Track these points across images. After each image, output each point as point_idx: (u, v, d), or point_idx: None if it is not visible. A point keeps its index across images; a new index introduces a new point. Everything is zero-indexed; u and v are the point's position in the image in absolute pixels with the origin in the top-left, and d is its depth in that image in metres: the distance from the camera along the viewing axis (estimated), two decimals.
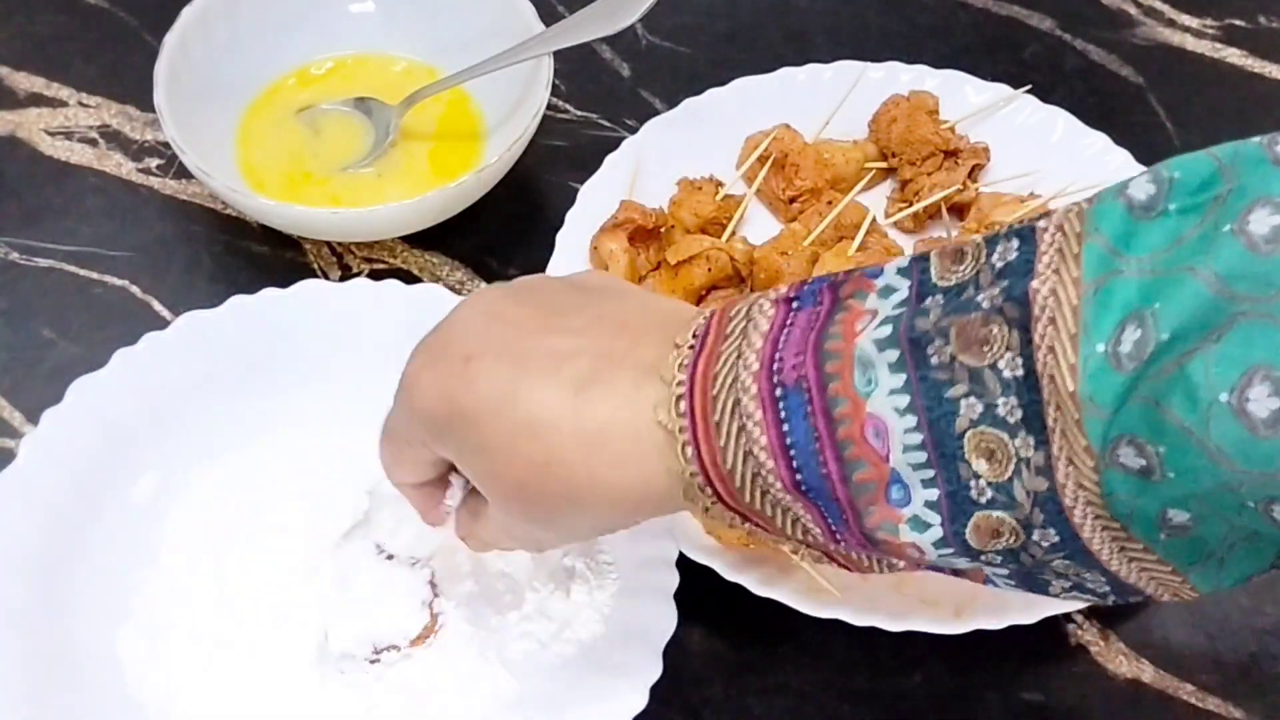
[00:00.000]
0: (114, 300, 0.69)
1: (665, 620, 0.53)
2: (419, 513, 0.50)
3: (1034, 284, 0.33)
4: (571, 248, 0.68)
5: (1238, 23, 0.84)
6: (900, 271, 0.37)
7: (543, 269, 0.67)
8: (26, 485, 0.55)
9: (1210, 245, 0.31)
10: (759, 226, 0.72)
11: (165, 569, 0.56)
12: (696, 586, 0.56)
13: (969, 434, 0.34)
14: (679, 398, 0.38)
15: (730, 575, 0.56)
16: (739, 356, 0.38)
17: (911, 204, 0.71)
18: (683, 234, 0.70)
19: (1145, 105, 0.80)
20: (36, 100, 0.77)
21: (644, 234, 0.68)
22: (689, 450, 0.38)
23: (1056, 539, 0.34)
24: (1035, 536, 0.35)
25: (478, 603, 0.54)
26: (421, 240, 0.71)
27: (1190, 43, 0.84)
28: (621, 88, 0.79)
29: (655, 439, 0.39)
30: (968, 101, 0.75)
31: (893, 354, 0.35)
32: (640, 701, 0.51)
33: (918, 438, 0.35)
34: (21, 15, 0.81)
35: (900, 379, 0.35)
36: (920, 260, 0.37)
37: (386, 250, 0.71)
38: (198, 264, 0.71)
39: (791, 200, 0.72)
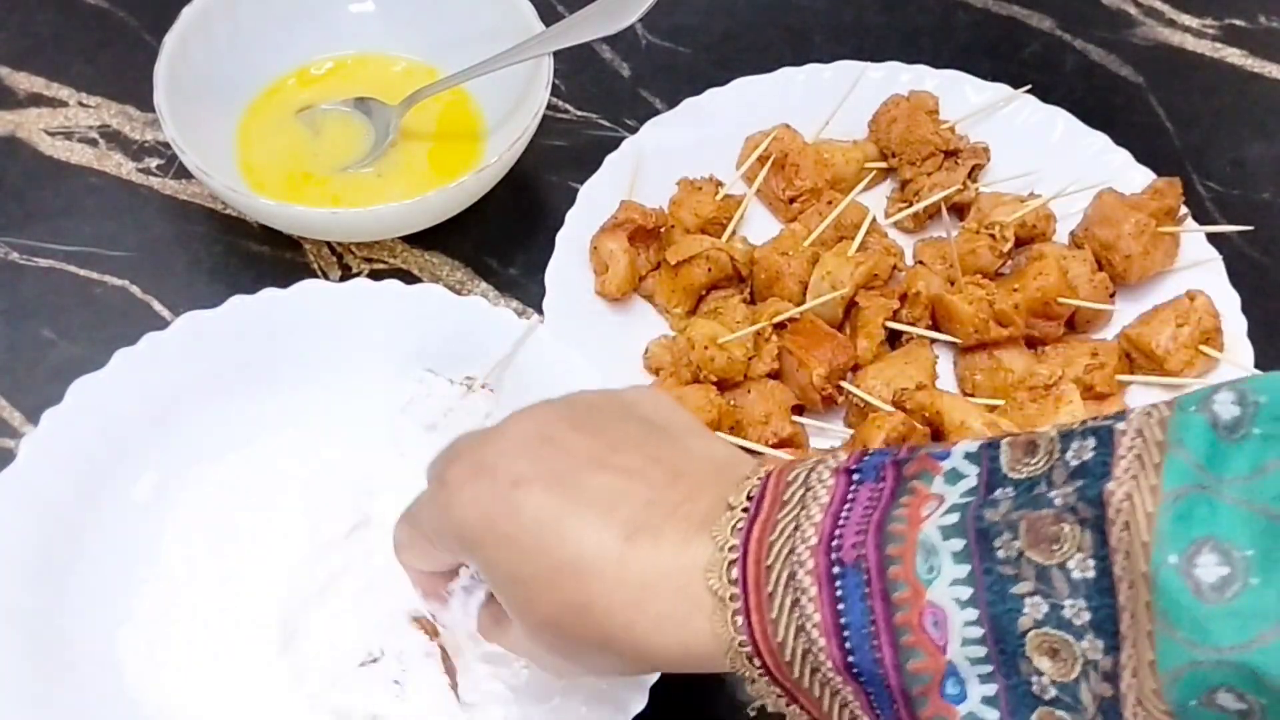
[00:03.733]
0: (114, 300, 0.69)
1: None
2: (420, 593, 0.50)
3: (1110, 486, 0.33)
4: (571, 248, 0.68)
5: (1238, 23, 0.84)
6: (969, 457, 0.36)
7: (543, 269, 0.67)
8: (26, 485, 0.55)
9: None
10: (759, 226, 0.72)
11: (165, 569, 0.56)
12: None
13: (1032, 633, 0.33)
14: (731, 563, 0.37)
15: None
16: (796, 528, 0.37)
17: (911, 204, 0.71)
18: (683, 234, 0.70)
19: (1145, 105, 0.80)
20: (36, 100, 0.77)
21: (644, 234, 0.68)
22: (739, 620, 0.37)
23: None
24: None
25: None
26: (421, 240, 0.71)
27: (1190, 43, 0.84)
28: (621, 88, 0.79)
29: (702, 602, 0.38)
30: (968, 101, 0.75)
31: (958, 543, 0.34)
32: (640, 701, 0.51)
33: (978, 631, 0.34)
34: (21, 15, 0.81)
35: (964, 570, 0.34)
36: (990, 448, 0.36)
37: (386, 250, 0.71)
38: (198, 264, 0.71)
39: (791, 200, 0.72)
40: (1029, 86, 0.75)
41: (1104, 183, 0.70)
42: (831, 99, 0.75)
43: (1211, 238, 0.70)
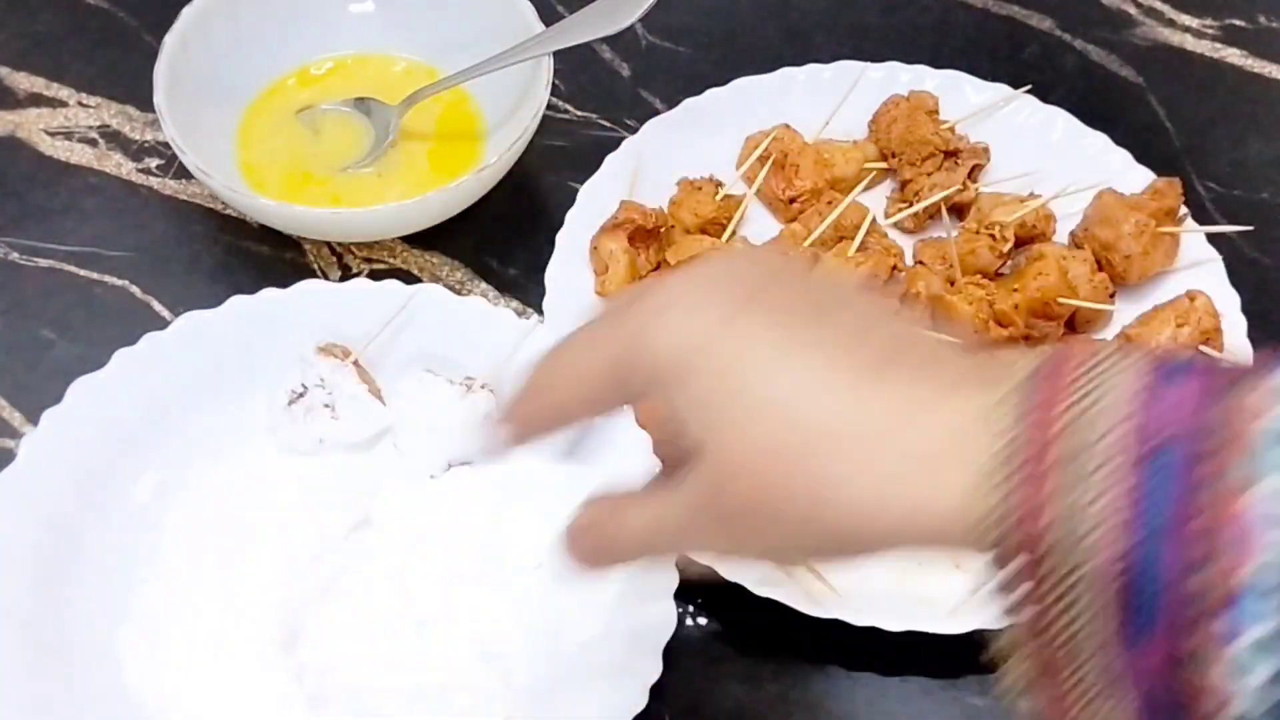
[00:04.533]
0: (114, 300, 0.69)
1: (665, 620, 0.53)
2: (507, 426, 0.41)
3: None
4: (571, 248, 0.68)
5: (1238, 23, 0.84)
6: None
7: (543, 269, 0.67)
8: (26, 485, 0.55)
9: None
10: (759, 226, 0.72)
11: (165, 569, 0.56)
12: (697, 586, 0.56)
13: None
14: (1021, 415, 0.31)
15: (730, 575, 0.56)
16: (1099, 395, 0.31)
17: (911, 204, 0.71)
18: (683, 234, 0.70)
19: (1145, 105, 0.80)
20: (36, 100, 0.77)
21: (644, 234, 0.68)
22: (1014, 481, 0.31)
23: None
24: None
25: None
26: (421, 240, 0.71)
27: (1190, 43, 0.84)
28: (621, 88, 0.79)
29: (965, 453, 0.32)
30: (968, 101, 0.75)
31: None
32: (640, 701, 0.51)
33: None
34: (21, 15, 0.81)
35: None
36: None
37: (386, 250, 0.71)
38: (198, 264, 0.71)
39: (791, 200, 0.72)
40: (1029, 86, 0.75)
41: (1104, 183, 0.70)
42: (831, 99, 0.75)
43: (1211, 238, 0.70)
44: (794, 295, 0.37)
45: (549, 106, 0.70)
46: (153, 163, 0.75)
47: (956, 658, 0.58)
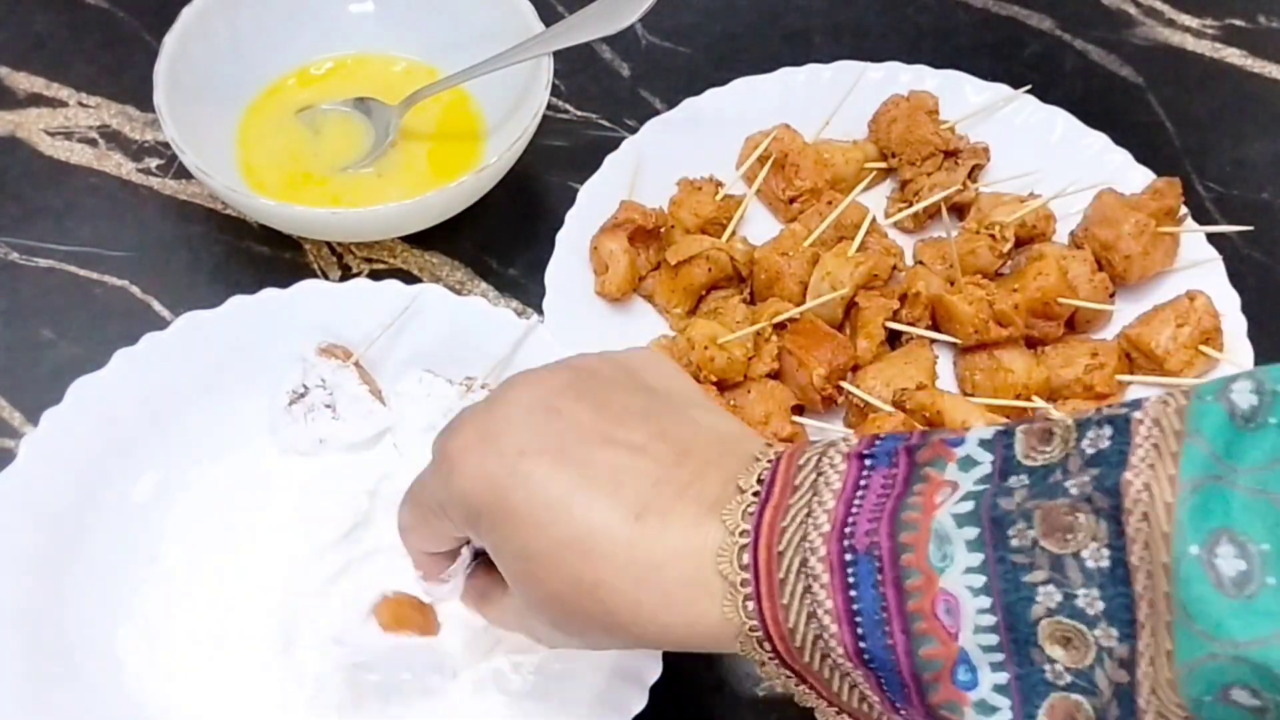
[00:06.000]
0: (114, 300, 0.69)
1: None
2: (421, 574, 0.50)
3: (1127, 475, 0.32)
4: (571, 248, 0.68)
5: (1238, 23, 0.84)
6: (983, 444, 0.36)
7: (543, 269, 0.67)
8: (26, 485, 0.55)
9: None
10: (759, 226, 0.72)
11: (165, 569, 0.56)
12: None
13: (1045, 621, 0.33)
14: (742, 548, 0.37)
15: None
16: (809, 514, 0.37)
17: (911, 204, 0.71)
18: (683, 234, 0.70)
19: (1145, 105, 0.80)
20: (36, 100, 0.77)
21: (644, 234, 0.68)
22: (750, 605, 0.37)
23: None
24: None
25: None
26: (421, 240, 0.71)
27: (1190, 43, 0.84)
28: (621, 88, 0.79)
29: (712, 585, 0.38)
30: (968, 101, 0.75)
31: (972, 531, 0.34)
32: (640, 701, 0.51)
33: (991, 619, 0.34)
34: (21, 15, 0.81)
35: (978, 558, 0.34)
36: (1004, 435, 0.36)
37: (386, 250, 0.71)
38: (198, 264, 0.71)
39: (791, 200, 0.72)
40: (1029, 86, 0.75)
41: (1104, 183, 0.70)
42: (831, 99, 0.75)
43: (1211, 238, 0.70)
44: (577, 413, 0.41)
45: (549, 106, 0.70)
46: (153, 163, 0.75)
47: None
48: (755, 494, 0.38)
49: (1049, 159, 0.73)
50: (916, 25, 0.84)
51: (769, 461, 0.39)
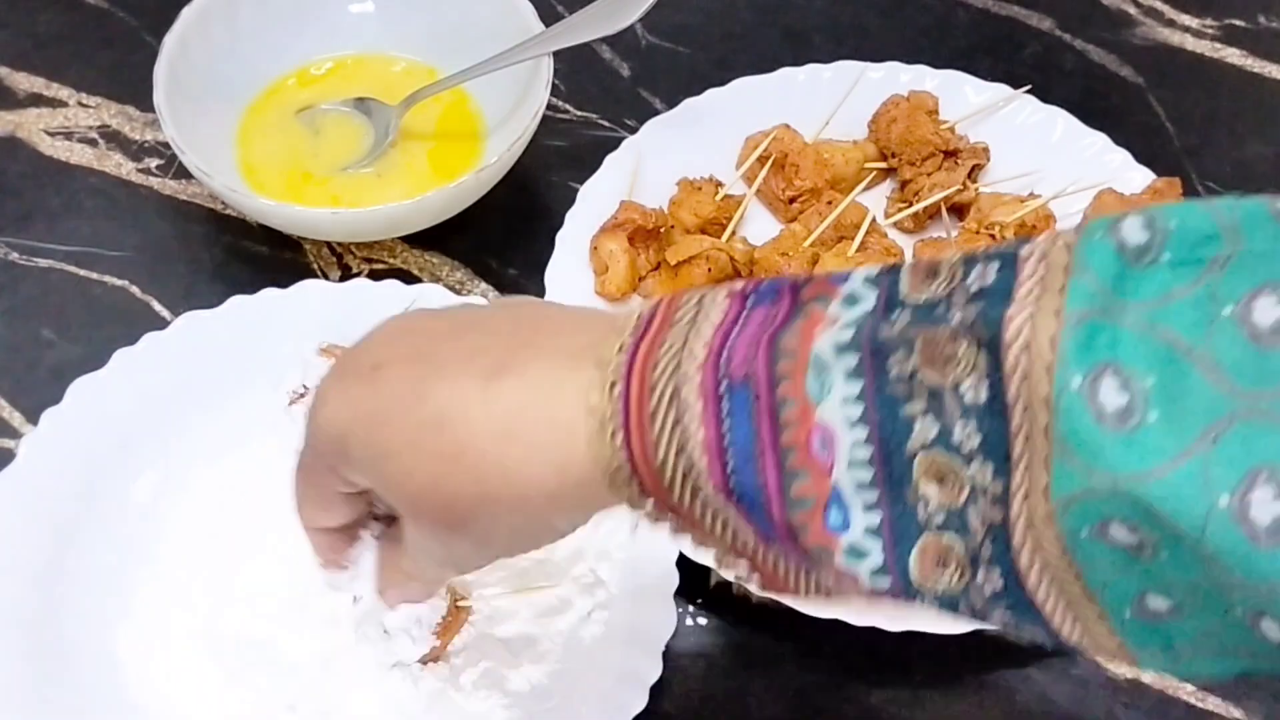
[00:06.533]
0: (114, 300, 0.69)
1: (665, 620, 0.53)
2: (320, 559, 0.48)
3: (1011, 310, 0.31)
4: (571, 248, 0.68)
5: (1238, 23, 0.84)
6: (868, 281, 0.35)
7: (543, 269, 0.67)
8: (26, 485, 0.55)
9: (1209, 327, 0.30)
10: (759, 226, 0.72)
11: (165, 569, 0.56)
12: (697, 586, 0.56)
13: (921, 455, 0.32)
14: (614, 382, 0.36)
15: (730, 575, 0.56)
16: (684, 344, 0.35)
17: (911, 204, 0.71)
18: (683, 234, 0.70)
19: (1145, 105, 0.80)
20: (36, 100, 0.77)
21: (644, 234, 0.68)
22: (619, 437, 0.35)
23: (1000, 585, 0.32)
24: (979, 579, 0.33)
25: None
26: (421, 240, 0.71)
27: (1190, 43, 0.84)
28: (621, 88, 0.79)
29: (577, 425, 0.36)
30: (967, 101, 0.75)
31: (851, 359, 0.33)
32: (640, 701, 0.51)
33: (867, 452, 0.33)
34: (21, 15, 0.81)
35: (856, 387, 0.33)
36: (890, 272, 0.35)
37: (386, 250, 0.71)
38: (198, 264, 0.71)
39: (791, 200, 0.72)
40: (1029, 86, 0.75)
41: (1104, 183, 0.70)
42: (831, 99, 0.75)
43: None
44: (432, 325, 0.41)
45: (549, 106, 0.70)
46: (153, 163, 0.75)
47: (956, 658, 0.58)
48: (632, 334, 0.37)
49: (1049, 159, 0.73)
50: (916, 25, 0.84)
51: (650, 307, 0.38)
